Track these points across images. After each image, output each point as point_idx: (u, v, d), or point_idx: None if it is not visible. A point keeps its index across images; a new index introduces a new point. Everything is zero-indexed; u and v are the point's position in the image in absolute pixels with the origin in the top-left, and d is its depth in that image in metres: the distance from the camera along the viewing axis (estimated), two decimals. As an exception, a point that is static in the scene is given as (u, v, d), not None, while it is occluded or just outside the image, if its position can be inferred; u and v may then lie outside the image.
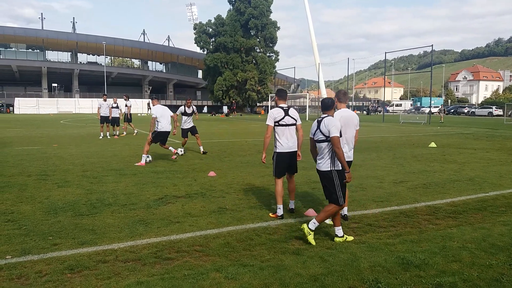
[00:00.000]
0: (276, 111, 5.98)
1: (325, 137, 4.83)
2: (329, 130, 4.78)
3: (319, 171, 5.00)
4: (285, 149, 6.01)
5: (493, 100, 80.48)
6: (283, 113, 5.94)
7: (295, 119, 6.03)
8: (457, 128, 29.05)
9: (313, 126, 5.06)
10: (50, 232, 5.10)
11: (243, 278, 3.79)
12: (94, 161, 11.27)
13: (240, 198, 7.00)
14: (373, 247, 4.59)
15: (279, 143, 6.00)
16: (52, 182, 8.23)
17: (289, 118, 5.96)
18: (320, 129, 4.89)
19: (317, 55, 58.06)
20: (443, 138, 19.97)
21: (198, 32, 65.72)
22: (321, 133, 4.87)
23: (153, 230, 5.20)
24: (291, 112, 6.01)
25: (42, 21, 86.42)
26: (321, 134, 4.88)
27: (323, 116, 4.97)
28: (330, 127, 4.78)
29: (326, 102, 5.05)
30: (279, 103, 6.06)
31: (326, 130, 4.81)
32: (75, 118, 43.73)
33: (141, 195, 7.19)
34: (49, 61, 78.73)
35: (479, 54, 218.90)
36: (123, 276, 3.82)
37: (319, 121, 4.97)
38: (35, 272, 3.89)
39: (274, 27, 65.57)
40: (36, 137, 18.81)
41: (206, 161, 11.40)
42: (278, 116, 5.92)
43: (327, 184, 4.93)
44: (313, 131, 5.05)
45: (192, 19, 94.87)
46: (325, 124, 4.84)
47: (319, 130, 4.91)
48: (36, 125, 29.69)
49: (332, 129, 4.76)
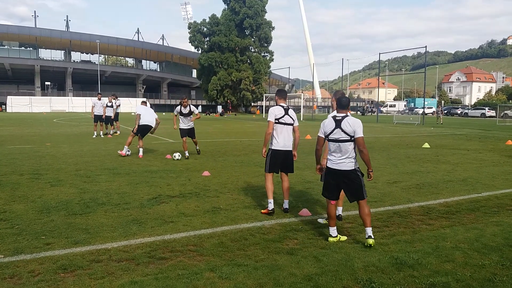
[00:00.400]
0: (277, 109, 6.12)
1: (349, 137, 4.73)
2: (354, 130, 4.71)
3: (339, 170, 4.82)
4: (280, 147, 6.12)
5: (486, 101, 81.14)
6: (284, 111, 6.10)
7: (293, 119, 6.17)
8: (450, 129, 29.24)
9: (326, 124, 4.89)
10: (43, 231, 5.06)
11: (237, 277, 3.79)
12: (87, 160, 11.20)
13: (234, 198, 6.99)
14: (367, 247, 4.61)
15: (276, 140, 6.10)
16: (45, 181, 8.17)
17: (288, 118, 6.11)
18: (342, 129, 4.74)
19: (312, 55, 58.28)
20: (436, 139, 20.09)
21: (193, 31, 65.58)
22: (343, 133, 4.74)
23: (147, 230, 5.18)
24: (290, 112, 6.16)
25: (36, 19, 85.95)
26: (343, 134, 4.74)
27: (342, 115, 4.82)
28: (356, 127, 4.72)
29: (344, 101, 4.89)
30: (279, 102, 6.22)
31: (351, 130, 4.71)
32: (68, 117, 43.46)
33: (135, 194, 7.16)
34: (42, 59, 78.28)
35: (472, 56, 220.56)
36: (117, 276, 3.80)
37: (338, 120, 4.80)
38: (28, 272, 3.86)
39: (269, 27, 65.61)
40: (29, 136, 18.67)
41: (200, 161, 11.39)
42: (279, 113, 6.06)
43: (351, 182, 4.82)
44: (327, 129, 4.85)
45: (187, 18, 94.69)
46: (349, 123, 4.73)
47: (339, 129, 4.75)
48: (29, 123, 29.47)
49: (358, 129, 4.72)
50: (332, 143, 4.83)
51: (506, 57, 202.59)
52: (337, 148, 4.81)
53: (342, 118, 4.79)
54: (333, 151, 4.86)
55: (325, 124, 4.90)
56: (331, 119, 4.87)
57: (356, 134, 4.72)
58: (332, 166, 4.87)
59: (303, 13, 59.83)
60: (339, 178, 4.86)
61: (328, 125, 4.87)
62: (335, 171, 4.85)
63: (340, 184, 4.90)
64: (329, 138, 4.85)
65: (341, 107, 4.89)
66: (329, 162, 4.91)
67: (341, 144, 4.77)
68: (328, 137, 4.86)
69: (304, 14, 59.67)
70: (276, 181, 6.61)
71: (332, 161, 4.87)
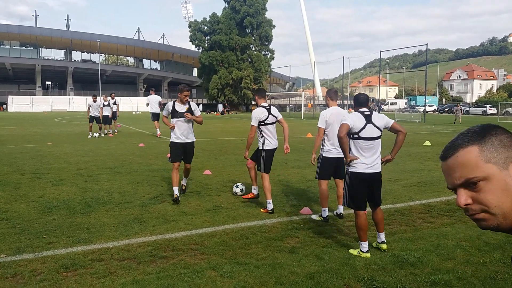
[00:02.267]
0: (260, 111, 6.22)
1: (380, 132, 4.43)
2: (385, 122, 4.45)
3: (373, 173, 4.40)
4: (273, 146, 6.33)
5: (487, 99, 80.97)
6: (267, 112, 6.21)
7: (276, 116, 6.34)
8: (452, 127, 29.20)
9: (355, 120, 4.37)
10: (44, 230, 5.07)
11: (238, 276, 3.80)
12: (88, 159, 11.22)
13: (236, 197, 7.00)
14: (368, 245, 4.60)
15: (268, 141, 6.27)
16: (46, 181, 8.18)
17: (272, 117, 6.27)
18: (374, 123, 4.37)
19: (312, 53, 58.21)
20: (437, 136, 20.07)
21: (193, 30, 65.50)
22: (376, 128, 4.37)
23: (148, 229, 5.19)
24: (272, 110, 6.31)
25: (36, 18, 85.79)
26: (375, 129, 4.37)
27: (367, 111, 4.46)
28: (385, 119, 4.48)
29: (362, 97, 4.61)
30: (260, 103, 6.32)
31: (382, 124, 4.41)
32: (69, 116, 43.48)
33: (136, 193, 7.17)
34: (43, 58, 78.24)
35: (474, 53, 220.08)
36: (119, 275, 3.81)
37: (368, 114, 4.41)
38: (30, 271, 3.87)
39: (269, 25, 65.51)
40: (30, 135, 18.69)
41: (201, 160, 11.39)
42: (263, 116, 6.19)
43: (379, 186, 4.53)
44: (357, 125, 4.35)
45: (187, 17, 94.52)
46: (378, 117, 4.43)
47: (371, 124, 4.36)
48: (30, 123, 29.49)
49: (387, 119, 4.48)
50: (364, 142, 4.36)
51: (507, 54, 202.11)
52: (370, 147, 4.38)
53: (371, 113, 4.46)
54: (365, 152, 4.38)
55: (354, 119, 4.38)
56: (359, 114, 4.43)
57: (389, 123, 4.45)
58: (365, 170, 4.36)
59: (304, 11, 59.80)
60: (372, 183, 4.44)
61: (358, 121, 4.36)
62: (369, 176, 4.39)
63: (371, 189, 4.47)
64: (360, 136, 4.35)
65: (360, 105, 4.56)
66: (360, 166, 4.37)
67: (375, 142, 4.41)
68: (358, 135, 4.35)
69: (304, 12, 59.66)
70: (269, 180, 6.60)
71: (365, 164, 4.36)
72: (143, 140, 16.52)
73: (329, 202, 5.85)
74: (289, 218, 5.78)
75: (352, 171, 4.42)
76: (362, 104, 4.55)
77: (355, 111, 4.54)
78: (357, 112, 4.50)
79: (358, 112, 4.48)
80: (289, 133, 6.73)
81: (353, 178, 4.42)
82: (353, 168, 4.41)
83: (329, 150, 5.69)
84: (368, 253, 4.33)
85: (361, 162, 4.37)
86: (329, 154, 5.68)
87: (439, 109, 73.41)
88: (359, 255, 4.33)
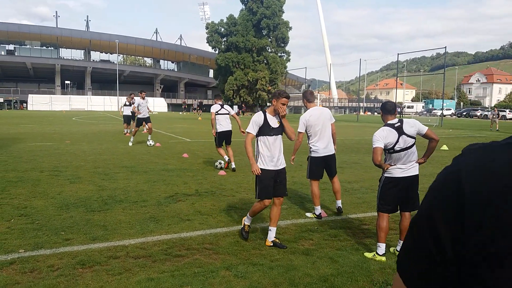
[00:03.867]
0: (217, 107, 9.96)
1: (414, 139, 4.37)
2: (418, 129, 4.35)
3: (409, 177, 4.37)
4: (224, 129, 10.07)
5: (507, 103, 79.37)
6: (219, 106, 9.91)
7: (229, 111, 10.07)
8: (470, 131, 28.72)
9: (385, 136, 4.29)
10: (62, 227, 5.16)
11: (252, 277, 3.80)
12: (105, 158, 11.37)
13: (250, 197, 7.00)
14: (385, 249, 4.56)
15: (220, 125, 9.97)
16: (64, 178, 8.32)
17: (223, 110, 9.98)
18: (406, 133, 4.29)
19: (329, 55, 57.92)
20: (455, 141, 19.76)
21: (210, 32, 65.88)
22: (409, 137, 4.31)
23: (164, 227, 5.23)
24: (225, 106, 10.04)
25: (57, 19, 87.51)
26: (409, 139, 4.32)
27: (397, 123, 4.35)
28: (417, 125, 4.37)
29: (390, 105, 4.49)
30: (216, 102, 10.10)
31: (414, 131, 4.33)
32: (87, 115, 44.15)
33: (152, 192, 7.24)
34: (63, 58, 79.63)
35: (493, 57, 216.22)
36: (134, 272, 3.85)
37: (398, 126, 4.31)
38: (47, 266, 3.94)
39: (286, 27, 65.46)
40: (49, 134, 19.03)
41: (216, 160, 11.42)
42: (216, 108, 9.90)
43: (416, 188, 4.45)
44: (391, 141, 4.29)
45: (205, 18, 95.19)
46: (410, 125, 4.34)
47: (404, 135, 4.29)
48: (49, 121, 30.04)
49: (420, 126, 4.38)
50: (399, 154, 4.33)
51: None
52: (406, 156, 4.35)
53: (401, 123, 4.34)
54: (402, 161, 4.34)
55: (384, 136, 4.29)
56: (389, 129, 4.33)
57: (422, 130, 4.36)
58: (400, 174, 4.33)
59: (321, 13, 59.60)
60: (407, 187, 4.38)
61: (389, 136, 4.29)
62: (405, 179, 4.35)
63: (405, 193, 4.40)
64: (395, 150, 4.31)
65: (388, 112, 4.45)
66: (396, 171, 4.34)
67: (409, 150, 4.36)
68: (393, 149, 4.30)
69: (321, 13, 59.44)
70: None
71: (401, 169, 4.34)
72: (160, 140, 16.68)
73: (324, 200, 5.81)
74: (304, 220, 5.76)
75: (387, 175, 4.40)
76: (391, 112, 4.45)
77: (384, 122, 4.46)
78: (386, 126, 4.39)
79: (388, 126, 4.36)
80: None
81: (387, 182, 4.41)
82: (388, 174, 4.40)
83: (316, 150, 5.92)
84: (384, 256, 4.29)
85: (396, 167, 4.36)
86: (317, 154, 5.93)
87: (457, 113, 72.29)
88: (374, 258, 4.29)
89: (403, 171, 4.34)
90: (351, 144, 16.64)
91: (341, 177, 8.87)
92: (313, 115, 5.86)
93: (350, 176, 9.31)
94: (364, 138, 20.78)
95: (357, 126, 32.78)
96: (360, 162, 11.51)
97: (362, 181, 8.57)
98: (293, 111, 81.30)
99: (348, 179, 8.83)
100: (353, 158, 12.44)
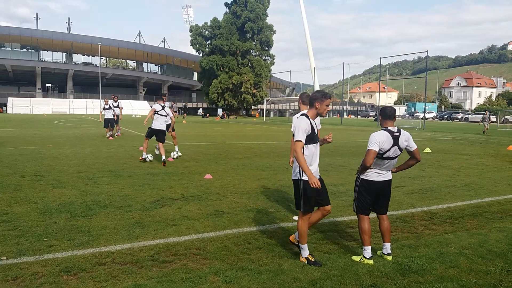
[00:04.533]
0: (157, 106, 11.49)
1: (401, 152, 4.40)
2: (408, 144, 4.41)
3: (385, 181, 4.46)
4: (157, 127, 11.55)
5: (486, 106, 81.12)
6: (161, 107, 11.45)
7: (167, 113, 11.61)
8: (451, 134, 29.23)
9: (383, 140, 4.28)
10: (45, 233, 5.04)
11: (241, 282, 3.77)
12: (89, 162, 11.19)
13: (237, 201, 6.97)
14: (372, 252, 4.58)
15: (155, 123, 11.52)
16: (46, 183, 8.16)
17: (163, 111, 11.44)
18: (399, 146, 4.34)
19: (313, 59, 58.19)
20: (437, 143, 20.08)
21: (194, 35, 65.70)
22: (399, 150, 4.36)
23: (150, 233, 5.16)
24: (165, 108, 11.52)
25: (37, 20, 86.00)
26: (398, 151, 4.36)
27: (396, 132, 4.35)
28: (410, 140, 4.42)
29: (390, 110, 4.43)
30: (159, 102, 11.56)
31: (404, 146, 4.39)
32: (69, 118, 43.47)
33: (137, 197, 7.14)
34: (44, 61, 78.34)
35: (473, 61, 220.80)
36: (120, 279, 3.78)
37: (396, 136, 4.32)
38: (31, 274, 3.84)
39: (270, 30, 65.71)
40: (30, 137, 18.66)
41: (201, 164, 11.37)
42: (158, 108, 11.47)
43: (389, 192, 4.56)
44: (385, 146, 4.29)
45: (188, 21, 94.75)
46: (404, 139, 4.38)
47: (397, 147, 4.32)
48: (30, 125, 29.47)
49: (411, 142, 4.43)
50: (384, 160, 4.38)
51: (506, 62, 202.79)
52: (389, 165, 4.44)
53: (399, 134, 4.36)
54: (382, 166, 4.41)
55: (382, 140, 4.29)
56: (388, 135, 4.31)
57: (412, 147, 4.43)
58: (376, 179, 4.41)
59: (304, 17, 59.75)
60: (383, 190, 4.46)
61: (386, 142, 4.30)
62: (380, 183, 4.43)
63: (380, 196, 4.49)
64: (382, 157, 4.33)
65: (388, 117, 4.40)
66: (373, 175, 4.40)
67: (394, 160, 4.44)
68: (382, 156, 4.31)
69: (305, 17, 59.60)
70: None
71: (377, 173, 4.41)
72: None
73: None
74: (291, 224, 5.76)
75: (364, 178, 4.46)
76: (390, 117, 4.41)
77: (383, 128, 4.43)
78: (385, 130, 4.36)
79: (387, 132, 4.34)
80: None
81: (363, 183, 4.46)
82: (365, 176, 4.46)
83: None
84: (371, 259, 4.30)
85: (373, 171, 4.42)
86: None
87: (439, 116, 73.54)
88: (362, 262, 4.30)
89: (379, 176, 4.43)
90: (336, 147, 16.75)
91: (327, 180, 8.90)
92: None
93: (336, 179, 9.35)
94: (349, 141, 20.95)
95: (341, 129, 33.04)
96: (345, 165, 11.58)
97: (348, 183, 8.62)
98: (278, 114, 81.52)
99: (334, 182, 8.87)
100: (338, 161, 12.52)
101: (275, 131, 29.76)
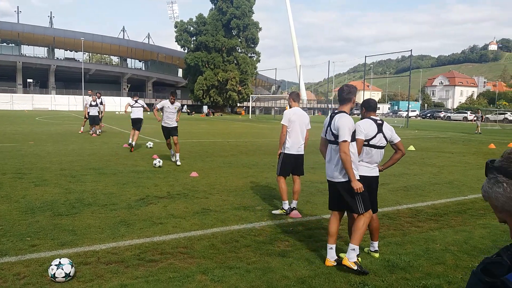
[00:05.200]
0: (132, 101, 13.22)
1: (387, 142, 4.44)
2: (392, 135, 4.45)
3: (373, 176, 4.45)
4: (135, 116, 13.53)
5: (468, 105, 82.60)
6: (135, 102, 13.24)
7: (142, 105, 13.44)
8: (434, 132, 29.65)
9: (367, 127, 4.35)
10: (28, 232, 4.92)
11: (229, 280, 3.74)
12: (72, 159, 10.99)
13: (224, 199, 6.93)
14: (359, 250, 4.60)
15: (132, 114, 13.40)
16: (28, 181, 7.98)
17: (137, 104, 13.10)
18: (384, 134, 4.40)
19: (298, 57, 58.40)
20: (421, 141, 20.34)
21: (179, 31, 65.14)
22: (384, 139, 4.41)
23: (136, 231, 5.09)
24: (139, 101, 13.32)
25: (18, 14, 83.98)
26: (384, 140, 4.41)
27: (379, 120, 4.42)
28: (393, 133, 4.48)
29: (374, 102, 4.55)
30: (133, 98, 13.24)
31: (389, 135, 4.44)
32: (51, 115, 42.68)
33: (122, 195, 7.04)
34: (25, 56, 76.67)
35: (455, 60, 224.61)
36: (106, 279, 3.71)
37: (380, 123, 4.40)
38: (13, 275, 3.74)
39: (255, 27, 65.56)
40: (10, 134, 18.25)
41: (187, 161, 11.28)
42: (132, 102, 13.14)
43: (375, 190, 4.54)
44: (370, 133, 4.34)
45: (173, 17, 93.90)
46: (388, 128, 4.45)
47: (382, 134, 4.39)
48: (10, 121, 28.83)
49: (394, 134, 4.49)
50: (372, 149, 4.37)
51: (487, 62, 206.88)
52: (377, 155, 4.42)
53: (382, 122, 4.43)
54: (370, 158, 4.40)
55: (366, 127, 4.34)
56: (372, 122, 4.39)
57: (396, 139, 4.48)
58: (367, 173, 4.36)
59: (290, 15, 59.92)
60: (370, 187, 4.36)
61: (369, 128, 4.34)
62: (370, 178, 4.38)
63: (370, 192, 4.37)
64: (369, 144, 4.34)
65: (372, 109, 4.50)
66: (363, 169, 4.34)
67: (381, 150, 4.44)
68: (368, 143, 4.33)
69: (291, 15, 59.80)
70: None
71: (368, 167, 4.41)
72: (127, 140, 16.27)
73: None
74: (278, 221, 5.74)
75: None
76: (374, 109, 4.52)
77: (367, 117, 4.47)
78: (369, 118, 4.43)
79: (370, 119, 4.42)
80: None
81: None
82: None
83: (289, 147, 6.08)
84: (358, 257, 4.30)
85: (364, 165, 4.38)
86: (290, 151, 6.10)
87: (422, 115, 74.54)
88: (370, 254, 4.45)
89: (370, 170, 4.42)
90: (322, 144, 16.80)
91: (313, 178, 8.95)
92: (296, 113, 6.13)
93: (322, 176, 9.34)
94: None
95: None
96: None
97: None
98: (263, 111, 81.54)
99: (320, 179, 8.89)
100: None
101: (261, 128, 29.74)
